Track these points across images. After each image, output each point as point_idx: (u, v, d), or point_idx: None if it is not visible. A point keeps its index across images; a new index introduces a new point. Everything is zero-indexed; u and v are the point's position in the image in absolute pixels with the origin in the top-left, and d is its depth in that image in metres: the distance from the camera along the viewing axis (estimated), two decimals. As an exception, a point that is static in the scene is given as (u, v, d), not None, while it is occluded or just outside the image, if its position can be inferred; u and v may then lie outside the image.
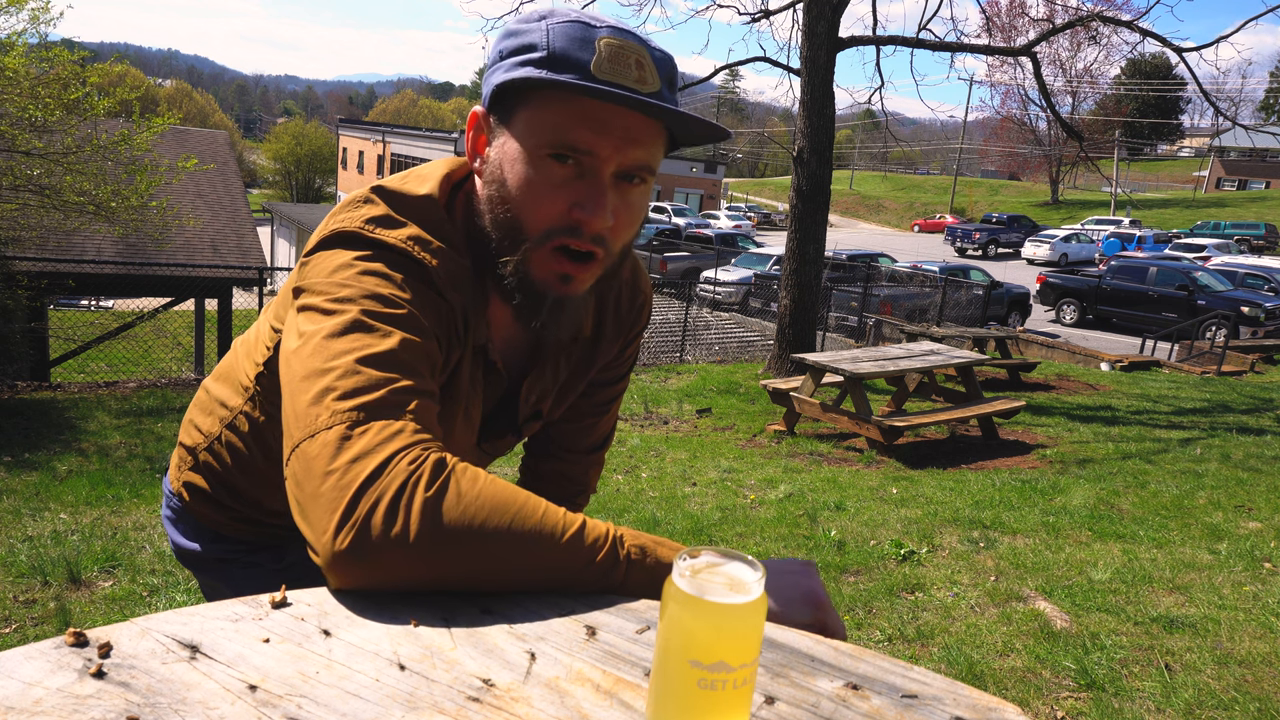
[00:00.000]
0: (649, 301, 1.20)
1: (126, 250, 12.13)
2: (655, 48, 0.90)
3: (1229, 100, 44.83)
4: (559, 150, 0.87)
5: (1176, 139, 67.51)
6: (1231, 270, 20.90)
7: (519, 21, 0.91)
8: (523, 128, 0.89)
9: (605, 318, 1.13)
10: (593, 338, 1.13)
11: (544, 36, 0.87)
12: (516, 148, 0.89)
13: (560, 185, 0.88)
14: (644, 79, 0.87)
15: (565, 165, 0.88)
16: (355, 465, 0.71)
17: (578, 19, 0.88)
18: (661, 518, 4.70)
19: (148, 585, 3.56)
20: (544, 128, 0.87)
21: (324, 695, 0.59)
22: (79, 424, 6.60)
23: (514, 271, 0.92)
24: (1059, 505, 4.97)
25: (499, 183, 0.91)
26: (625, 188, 0.90)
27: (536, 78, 0.85)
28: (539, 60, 0.86)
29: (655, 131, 0.89)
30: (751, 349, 13.28)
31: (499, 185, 0.91)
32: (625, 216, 0.91)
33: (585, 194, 0.88)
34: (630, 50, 0.87)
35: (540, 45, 0.87)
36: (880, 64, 13.85)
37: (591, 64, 0.85)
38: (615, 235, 0.91)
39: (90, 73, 8.40)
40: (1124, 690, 2.76)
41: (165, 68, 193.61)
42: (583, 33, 0.86)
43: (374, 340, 0.80)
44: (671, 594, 0.58)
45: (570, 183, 0.88)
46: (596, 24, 0.88)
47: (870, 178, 64.87)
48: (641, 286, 1.17)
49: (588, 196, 0.88)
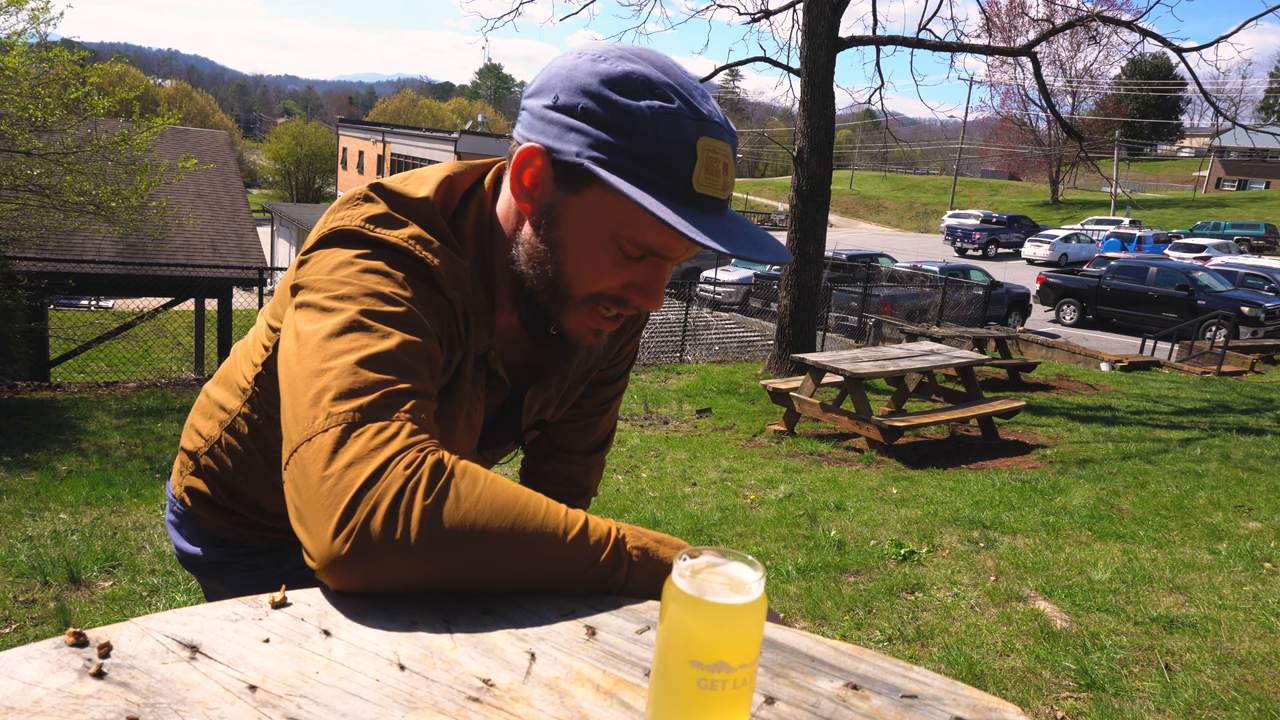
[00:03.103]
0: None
1: (126, 250, 12.13)
2: (732, 133, 0.87)
3: (1229, 100, 44.87)
4: (633, 249, 0.87)
5: (1176, 139, 67.49)
6: (1231, 270, 20.91)
7: (611, 85, 0.83)
8: (598, 207, 0.86)
9: None
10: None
11: (648, 128, 0.82)
12: (584, 222, 0.87)
13: (622, 265, 0.88)
14: (728, 184, 0.86)
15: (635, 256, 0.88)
16: (351, 470, 0.70)
17: (681, 105, 0.83)
18: (661, 518, 4.70)
19: (148, 585, 3.56)
20: (622, 221, 0.85)
21: (324, 695, 0.59)
22: (79, 424, 6.60)
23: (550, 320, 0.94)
24: (1059, 505, 4.97)
25: (554, 243, 0.89)
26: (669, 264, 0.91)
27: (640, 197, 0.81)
28: (638, 156, 0.82)
29: None
30: (751, 349, 13.28)
31: (553, 245, 0.89)
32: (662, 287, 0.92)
33: (645, 279, 0.89)
34: (721, 154, 0.84)
35: (640, 136, 0.82)
36: (880, 64, 13.85)
37: (693, 177, 0.83)
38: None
39: (90, 73, 8.40)
40: (1124, 690, 2.76)
41: (165, 68, 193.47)
42: (686, 132, 0.82)
43: (373, 340, 0.79)
44: (671, 594, 0.58)
45: (631, 264, 0.88)
46: (697, 109, 0.83)
47: (870, 178, 64.85)
48: None
49: (649, 283, 0.89)
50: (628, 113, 0.82)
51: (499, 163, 1.01)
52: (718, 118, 0.85)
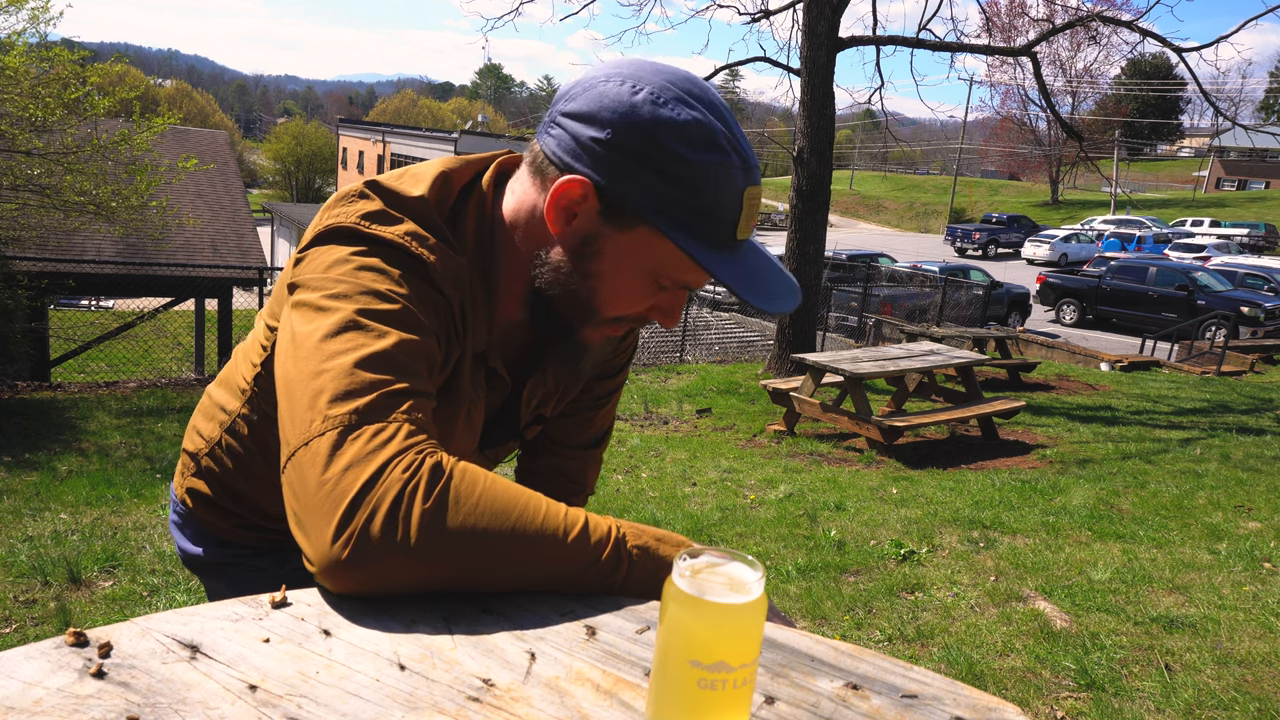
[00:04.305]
0: None
1: (126, 250, 12.13)
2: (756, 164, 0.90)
3: (1229, 100, 44.85)
4: (669, 284, 0.91)
5: (1176, 139, 67.46)
6: (1231, 270, 20.91)
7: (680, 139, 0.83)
8: (643, 247, 0.88)
9: None
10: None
11: (709, 184, 0.84)
12: (626, 258, 0.90)
13: (652, 294, 0.93)
14: (756, 222, 0.91)
15: (665, 287, 0.92)
16: (349, 473, 0.70)
17: (735, 158, 0.85)
18: (661, 518, 4.70)
19: (148, 585, 3.56)
20: (666, 262, 0.89)
21: (324, 695, 0.59)
22: (79, 424, 6.60)
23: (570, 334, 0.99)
24: (1059, 505, 4.97)
25: (588, 273, 0.91)
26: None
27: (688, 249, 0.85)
28: (696, 209, 0.85)
29: None
30: (751, 349, 13.28)
31: (587, 275, 0.91)
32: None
33: (669, 304, 0.94)
34: (758, 200, 0.89)
35: (700, 190, 0.84)
36: (880, 64, 13.84)
37: (738, 227, 0.87)
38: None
39: (90, 72, 8.40)
40: (1124, 690, 2.76)
41: (165, 68, 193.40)
42: (737, 184, 0.86)
43: (369, 340, 0.78)
44: (672, 594, 0.58)
45: (660, 292, 0.93)
46: (746, 159, 0.87)
47: (870, 178, 64.82)
48: None
49: (672, 307, 0.94)
50: (693, 167, 0.84)
51: (497, 158, 1.00)
52: (754, 161, 0.89)
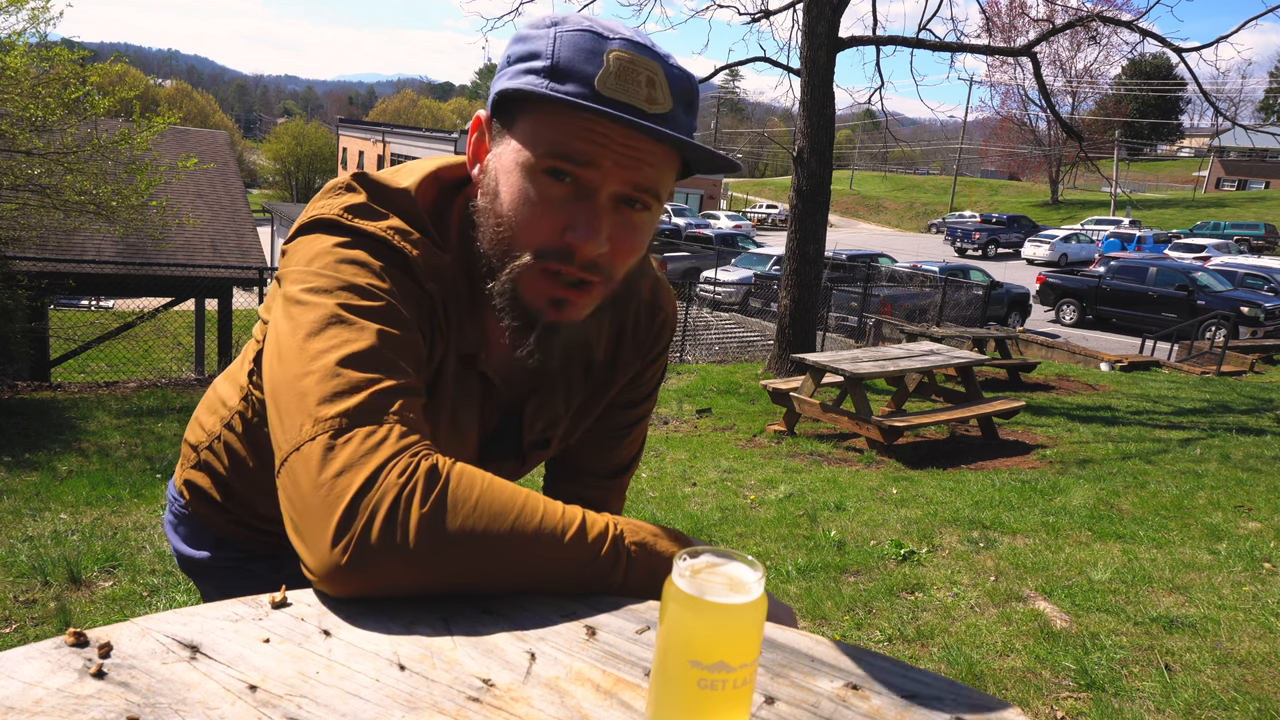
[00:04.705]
0: (670, 321, 1.13)
1: (126, 250, 12.13)
2: (673, 65, 0.85)
3: (1229, 100, 44.81)
4: (555, 165, 0.83)
5: (1176, 139, 67.46)
6: (1231, 270, 20.90)
7: (529, 26, 0.87)
8: (521, 138, 0.85)
9: (623, 339, 1.07)
10: (609, 360, 1.07)
11: (550, 45, 0.83)
12: (513, 159, 0.85)
13: (555, 204, 0.84)
14: (654, 98, 0.82)
15: (562, 183, 0.83)
16: (343, 478, 0.70)
17: (590, 28, 0.83)
18: (661, 518, 4.70)
19: (148, 585, 3.56)
20: (541, 140, 0.83)
21: (324, 695, 0.59)
22: (79, 424, 6.60)
23: (503, 291, 0.87)
24: (1059, 505, 4.97)
25: (494, 195, 0.87)
26: (627, 212, 0.86)
27: (536, 89, 0.81)
28: (542, 70, 0.82)
29: (662, 155, 0.84)
30: (751, 349, 13.28)
31: (493, 197, 0.87)
32: (625, 242, 0.86)
33: (580, 217, 0.83)
34: (642, 66, 0.82)
35: (545, 54, 0.83)
36: (880, 64, 13.81)
37: (597, 79, 0.80)
38: (614, 261, 0.87)
39: (90, 72, 8.41)
40: (1124, 690, 2.76)
41: (165, 68, 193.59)
42: (592, 43, 0.82)
43: (352, 336, 0.77)
44: (671, 594, 0.58)
45: (566, 203, 0.84)
46: (610, 35, 0.83)
47: (870, 178, 64.84)
48: (662, 305, 1.11)
49: (582, 219, 0.83)
50: (534, 38, 0.85)
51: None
52: (640, 38, 0.84)
